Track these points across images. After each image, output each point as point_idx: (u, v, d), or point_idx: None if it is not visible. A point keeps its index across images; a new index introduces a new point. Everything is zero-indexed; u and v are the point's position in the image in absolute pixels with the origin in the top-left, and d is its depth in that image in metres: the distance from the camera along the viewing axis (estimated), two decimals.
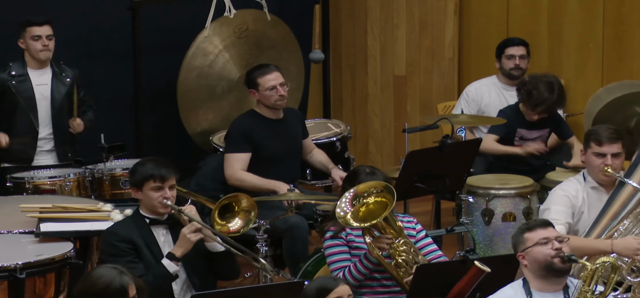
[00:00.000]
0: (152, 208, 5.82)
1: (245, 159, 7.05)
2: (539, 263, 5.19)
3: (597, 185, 6.30)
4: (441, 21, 9.00)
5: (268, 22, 8.21)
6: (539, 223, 5.30)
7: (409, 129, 7.25)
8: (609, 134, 6.24)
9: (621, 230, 6.13)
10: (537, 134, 7.57)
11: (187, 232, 5.71)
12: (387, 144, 9.18)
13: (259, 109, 7.16)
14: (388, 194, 5.66)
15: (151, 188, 5.77)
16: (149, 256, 5.75)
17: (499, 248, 7.08)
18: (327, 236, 5.88)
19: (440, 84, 9.06)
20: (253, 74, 7.14)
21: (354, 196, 5.70)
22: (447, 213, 7.47)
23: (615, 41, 8.79)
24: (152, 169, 5.79)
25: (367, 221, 5.63)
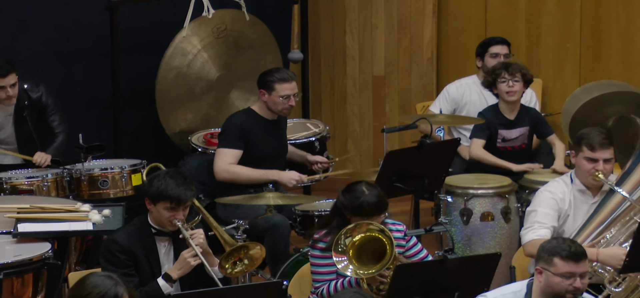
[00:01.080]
0: (160, 224, 5.73)
1: (237, 156, 7.04)
2: (552, 290, 5.11)
3: (584, 188, 6.27)
4: (420, 21, 9.02)
5: (246, 22, 8.21)
6: (574, 255, 5.10)
7: (387, 129, 7.25)
8: (601, 140, 6.18)
9: (607, 238, 6.11)
10: (518, 132, 7.58)
11: (187, 255, 5.61)
12: (365, 143, 9.19)
13: (258, 109, 7.14)
14: (384, 236, 5.57)
15: (165, 207, 5.65)
16: (147, 268, 5.68)
17: (477, 248, 7.10)
18: (319, 246, 5.80)
19: (418, 83, 9.07)
20: (272, 77, 7.06)
21: (336, 241, 5.57)
22: (426, 213, 7.48)
23: (593, 41, 8.83)
24: (171, 190, 5.61)
25: (364, 257, 5.55)
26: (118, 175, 7.11)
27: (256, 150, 7.08)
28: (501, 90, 7.43)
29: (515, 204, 7.16)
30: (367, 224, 5.60)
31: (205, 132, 7.85)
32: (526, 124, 7.58)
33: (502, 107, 7.54)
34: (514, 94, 7.43)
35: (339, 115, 9.21)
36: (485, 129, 7.50)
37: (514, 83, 7.39)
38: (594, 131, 6.30)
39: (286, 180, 7.04)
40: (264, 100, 7.09)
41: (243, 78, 8.25)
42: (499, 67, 7.45)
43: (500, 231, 7.11)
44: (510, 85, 7.39)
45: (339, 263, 5.54)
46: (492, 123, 7.51)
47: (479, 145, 7.49)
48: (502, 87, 7.42)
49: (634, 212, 6.10)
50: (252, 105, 7.27)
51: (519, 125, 7.56)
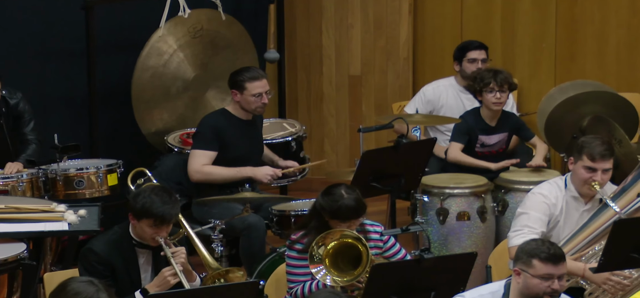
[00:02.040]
0: (142, 239, 5.68)
1: (211, 157, 7.03)
2: (530, 292, 5.12)
3: (578, 195, 6.22)
4: (396, 21, 9.03)
5: (223, 21, 8.20)
6: (553, 257, 5.09)
7: (364, 129, 7.25)
8: (602, 151, 6.12)
9: (595, 250, 6.08)
10: (497, 138, 7.59)
11: (167, 273, 5.56)
12: (342, 143, 9.19)
13: (232, 109, 7.13)
14: (353, 240, 5.58)
15: (148, 225, 5.58)
16: (126, 278, 5.64)
17: (453, 247, 7.12)
18: (296, 247, 5.80)
19: (395, 83, 9.09)
20: (241, 77, 7.06)
21: (310, 254, 5.56)
22: (402, 213, 7.49)
23: (568, 41, 8.87)
24: (156, 209, 5.53)
25: (340, 263, 5.55)
26: (94, 175, 7.08)
27: (231, 150, 7.07)
28: (488, 100, 7.43)
29: (491, 204, 7.18)
30: (340, 231, 5.59)
31: (182, 132, 7.84)
32: (506, 130, 7.59)
33: (484, 113, 7.53)
34: (501, 104, 7.45)
35: (315, 115, 9.21)
36: (464, 133, 7.50)
37: (501, 95, 7.40)
38: (596, 141, 6.20)
39: (261, 176, 7.04)
40: (236, 100, 7.08)
41: (219, 78, 8.24)
42: (488, 76, 7.41)
43: (477, 230, 7.12)
44: (498, 97, 7.40)
45: (317, 273, 5.53)
46: (472, 128, 7.51)
47: (456, 148, 7.50)
48: (489, 97, 7.41)
49: None
50: (226, 106, 7.26)
51: (499, 131, 7.57)
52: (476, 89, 7.46)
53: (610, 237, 5.82)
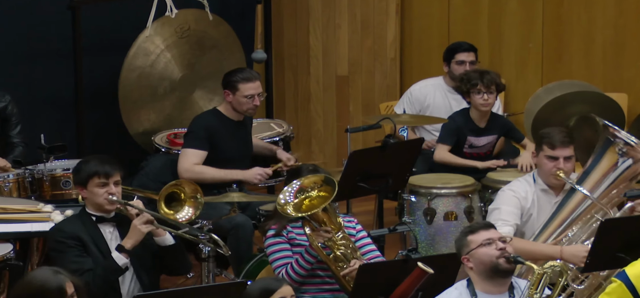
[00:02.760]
0: (98, 205, 5.78)
1: (202, 156, 7.04)
2: (485, 264, 5.21)
3: (547, 188, 6.30)
4: (383, 21, 9.04)
5: (210, 21, 8.19)
6: (481, 225, 5.33)
7: (351, 129, 7.27)
8: (561, 138, 6.22)
9: (569, 237, 6.16)
10: (486, 140, 7.60)
11: (138, 223, 5.68)
12: (329, 143, 9.20)
13: (224, 110, 7.14)
14: (328, 187, 5.70)
15: (96, 185, 5.74)
16: (96, 252, 5.72)
17: (441, 247, 7.13)
18: (269, 234, 5.90)
19: (382, 83, 9.09)
20: (235, 77, 7.07)
21: (298, 189, 5.73)
22: (390, 213, 7.49)
23: (555, 41, 8.89)
24: (96, 166, 5.76)
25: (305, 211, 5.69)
26: None
27: (222, 151, 7.07)
28: (476, 101, 7.45)
29: (479, 204, 7.19)
30: (317, 178, 5.76)
31: (169, 132, 7.83)
32: (495, 132, 7.61)
33: (473, 114, 7.54)
34: (489, 105, 7.47)
35: (302, 115, 9.21)
36: (453, 134, 7.51)
37: (489, 96, 7.42)
38: (555, 130, 6.34)
39: (250, 177, 7.05)
40: (228, 100, 7.08)
41: (206, 78, 8.23)
42: (475, 77, 7.43)
43: None
44: (486, 98, 7.42)
45: (280, 199, 5.68)
46: (461, 129, 7.52)
47: (444, 150, 7.52)
48: (476, 98, 7.44)
49: (595, 210, 6.15)
50: (217, 106, 7.26)
51: (488, 133, 7.58)
52: (464, 90, 7.48)
53: (597, 236, 5.85)
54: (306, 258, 5.75)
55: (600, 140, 6.25)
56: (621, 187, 6.17)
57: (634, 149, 6.12)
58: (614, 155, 6.16)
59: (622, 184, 6.17)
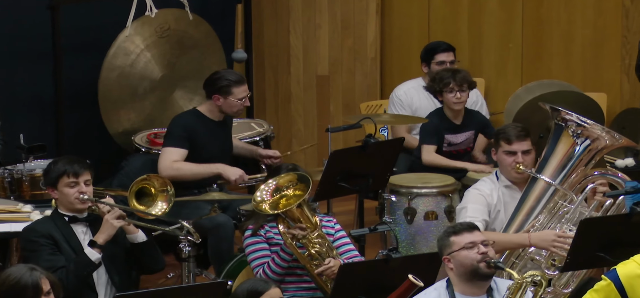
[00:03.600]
0: (69, 205, 5.79)
1: (182, 155, 7.03)
2: (465, 267, 5.23)
3: (510, 184, 6.37)
4: (363, 21, 9.04)
5: (190, 21, 8.18)
6: (465, 227, 5.33)
7: (332, 129, 7.27)
8: (517, 132, 6.32)
9: (537, 226, 6.22)
10: (464, 137, 7.62)
11: (111, 218, 5.70)
12: (310, 143, 9.19)
13: (205, 111, 7.12)
14: (303, 185, 5.72)
15: (66, 184, 5.76)
16: (69, 251, 5.73)
17: (421, 247, 7.14)
18: (247, 234, 5.90)
19: (363, 83, 9.10)
20: (227, 81, 7.05)
21: (275, 188, 5.73)
22: (370, 212, 7.50)
23: (534, 41, 8.92)
24: (64, 165, 5.79)
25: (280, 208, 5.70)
26: None
27: (202, 151, 7.06)
28: (449, 100, 7.49)
29: (459, 203, 7.20)
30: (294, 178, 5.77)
31: (149, 132, 7.81)
32: (472, 128, 7.63)
33: (448, 112, 7.58)
34: (462, 103, 7.50)
35: (283, 115, 9.21)
36: (433, 134, 7.54)
37: (461, 94, 7.45)
38: (510, 125, 6.45)
39: (231, 173, 7.04)
40: (218, 104, 7.07)
41: (187, 78, 8.21)
42: (446, 76, 7.47)
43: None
44: (459, 96, 7.45)
45: (256, 196, 5.70)
46: (438, 127, 7.54)
47: (431, 150, 7.54)
48: (449, 97, 7.48)
49: (559, 195, 6.20)
50: (198, 107, 7.24)
51: (465, 129, 7.61)
52: (436, 89, 7.51)
53: (577, 236, 5.88)
54: (282, 257, 5.76)
55: (552, 125, 6.31)
56: (581, 171, 6.23)
57: (587, 129, 6.17)
58: (570, 138, 6.22)
59: (581, 167, 6.23)
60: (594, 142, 6.20)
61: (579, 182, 6.24)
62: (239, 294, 5.15)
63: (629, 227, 5.76)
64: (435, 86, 7.51)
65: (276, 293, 5.12)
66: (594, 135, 6.19)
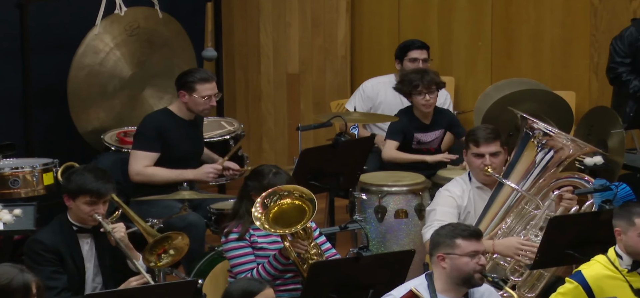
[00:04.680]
0: (81, 220, 5.72)
1: (153, 158, 6.99)
2: (461, 273, 5.19)
3: (482, 185, 6.37)
4: (333, 19, 9.05)
5: (159, 19, 8.15)
6: (474, 233, 5.24)
7: (302, 127, 7.27)
8: (485, 134, 6.31)
9: (504, 229, 6.23)
10: (433, 135, 7.64)
11: (134, 283, 5.56)
12: (280, 141, 9.19)
13: (175, 109, 7.09)
14: (308, 202, 5.65)
15: (85, 202, 5.66)
16: (71, 266, 5.66)
17: (391, 245, 7.15)
18: (232, 237, 5.83)
19: (333, 81, 9.10)
20: (192, 78, 7.00)
21: (269, 194, 5.67)
22: (341, 211, 7.51)
23: (504, 39, 8.95)
24: (90, 184, 5.65)
25: (279, 223, 5.62)
26: (29, 175, 7.00)
27: (174, 151, 7.04)
28: (417, 102, 7.51)
29: (429, 202, 7.22)
30: (295, 189, 5.66)
31: (119, 131, 7.78)
32: (442, 126, 7.65)
33: (417, 112, 7.59)
34: (430, 106, 7.52)
35: (253, 113, 9.20)
36: (399, 131, 7.55)
37: (430, 96, 7.47)
38: (480, 127, 6.45)
39: (202, 176, 7.02)
40: (184, 101, 7.04)
41: (156, 76, 8.19)
42: (415, 79, 7.47)
43: (414, 228, 7.16)
44: (428, 99, 7.46)
45: (256, 210, 5.60)
46: (407, 126, 7.56)
47: (392, 147, 7.55)
48: (418, 100, 7.49)
49: (525, 201, 6.23)
50: (169, 106, 7.22)
51: (434, 128, 7.62)
52: (405, 91, 7.53)
53: (545, 234, 5.91)
54: (274, 266, 5.71)
55: (521, 132, 6.35)
56: (548, 176, 6.26)
57: (552, 138, 6.21)
58: (534, 149, 6.26)
59: (549, 172, 6.27)
60: (557, 152, 6.21)
61: (548, 185, 6.27)
62: (233, 293, 5.10)
63: (598, 224, 5.79)
64: (404, 88, 7.52)
65: (270, 293, 5.08)
66: (558, 145, 6.20)
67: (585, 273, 5.41)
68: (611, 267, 5.41)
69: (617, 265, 5.41)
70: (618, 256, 5.43)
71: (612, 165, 7.10)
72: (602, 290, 5.37)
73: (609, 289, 5.37)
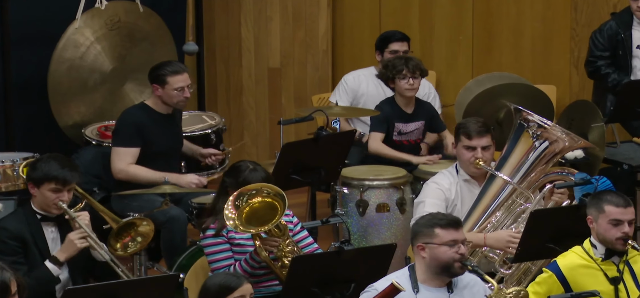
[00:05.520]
0: (45, 207, 5.71)
1: (135, 154, 6.97)
2: (439, 262, 5.21)
3: (469, 178, 6.41)
4: (314, 13, 9.04)
5: (140, 13, 8.13)
6: (453, 222, 5.26)
7: (284, 121, 7.26)
8: (477, 128, 6.34)
9: (494, 222, 6.26)
10: (414, 126, 7.67)
11: (74, 237, 5.61)
12: (262, 136, 9.18)
13: (152, 104, 7.08)
14: (278, 198, 5.63)
15: (50, 189, 5.66)
16: (36, 254, 5.65)
17: (373, 239, 7.16)
18: (209, 234, 5.82)
19: (314, 76, 9.10)
20: (163, 71, 7.01)
21: (238, 195, 5.66)
22: (323, 205, 7.51)
23: (485, 34, 8.97)
24: (55, 171, 5.65)
25: (253, 222, 5.61)
26: (10, 169, 6.98)
27: (152, 145, 7.02)
28: (401, 87, 7.52)
29: (410, 195, 7.24)
30: (265, 188, 5.63)
31: (99, 125, 7.76)
32: (422, 118, 7.68)
33: (399, 100, 7.62)
34: (414, 90, 7.54)
35: (234, 108, 9.19)
36: (383, 122, 7.57)
37: (414, 81, 7.49)
38: (471, 120, 6.46)
39: (185, 184, 6.99)
40: (158, 94, 7.03)
41: (137, 70, 8.17)
42: (400, 63, 7.51)
43: (396, 222, 7.18)
44: (411, 83, 7.48)
45: (228, 211, 5.56)
46: (389, 116, 7.58)
47: (377, 138, 7.57)
48: (402, 84, 7.50)
49: (516, 194, 6.25)
50: (145, 100, 7.20)
51: (415, 119, 7.65)
52: (389, 76, 7.55)
53: (527, 227, 5.93)
54: (251, 264, 5.70)
55: (514, 124, 6.37)
56: (539, 169, 6.29)
57: (547, 131, 6.23)
58: (529, 139, 6.28)
59: (540, 166, 6.29)
60: (552, 144, 6.24)
61: (538, 180, 6.29)
62: (210, 288, 5.10)
63: (578, 218, 5.82)
64: (388, 73, 7.54)
65: (247, 289, 5.08)
66: (553, 137, 6.23)
67: (560, 263, 5.45)
68: (586, 256, 5.45)
69: (591, 255, 5.44)
70: (592, 245, 5.47)
71: (592, 159, 7.13)
72: (576, 279, 5.41)
73: (583, 278, 5.41)
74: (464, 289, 5.30)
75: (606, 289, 5.39)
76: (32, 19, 8.01)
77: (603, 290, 5.36)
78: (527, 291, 5.29)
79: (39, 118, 8.05)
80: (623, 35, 8.00)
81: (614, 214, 5.39)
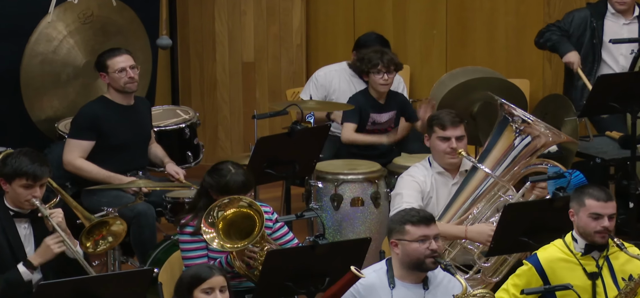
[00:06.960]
0: (17, 203, 5.67)
1: (86, 148, 6.95)
2: (411, 258, 5.26)
3: (443, 170, 6.43)
4: (288, 8, 9.04)
5: (113, 7, 8.10)
6: (423, 219, 5.30)
7: (258, 116, 7.26)
8: (451, 118, 6.37)
9: (474, 214, 6.27)
10: (387, 116, 7.70)
11: (51, 242, 5.56)
12: (236, 130, 9.17)
13: (110, 95, 7.07)
14: (253, 210, 5.61)
15: (21, 185, 5.61)
16: (8, 252, 5.61)
17: (347, 233, 7.16)
18: (187, 231, 5.80)
19: (288, 70, 9.10)
20: (102, 57, 7.08)
21: (208, 213, 5.58)
22: (297, 199, 7.51)
23: (459, 28, 8.99)
24: (26, 166, 5.60)
25: (232, 234, 5.58)
26: None
27: (112, 138, 6.99)
28: (375, 81, 7.56)
29: (385, 189, 7.25)
30: (239, 200, 5.62)
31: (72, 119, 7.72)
32: (394, 108, 7.73)
33: (373, 93, 7.65)
34: (388, 85, 7.57)
35: (209, 102, 9.17)
36: (356, 113, 7.60)
37: (389, 76, 7.53)
38: (444, 111, 6.51)
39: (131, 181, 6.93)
40: (106, 82, 7.06)
41: None
42: (375, 58, 7.53)
43: (370, 216, 7.19)
44: (386, 78, 7.53)
45: (206, 233, 5.55)
46: (363, 107, 7.61)
47: (350, 129, 7.61)
48: (376, 78, 7.54)
49: (498, 187, 6.27)
50: (105, 93, 7.19)
51: (388, 109, 7.69)
52: (363, 70, 7.58)
53: (500, 221, 5.95)
54: (226, 268, 5.68)
55: (498, 118, 6.39)
56: (522, 163, 6.32)
57: (530, 126, 6.26)
58: (512, 133, 6.30)
59: (523, 160, 6.32)
60: (535, 139, 6.27)
61: (519, 172, 6.31)
62: (183, 279, 5.12)
63: (552, 211, 5.85)
64: (363, 67, 7.58)
65: (219, 280, 5.10)
66: (536, 132, 6.25)
67: (540, 256, 5.47)
68: (566, 250, 5.47)
69: (572, 249, 5.47)
70: (574, 239, 5.49)
71: (565, 152, 7.16)
72: (555, 272, 5.44)
73: (562, 272, 5.43)
74: (439, 286, 5.33)
75: (584, 284, 5.41)
76: (3, 12, 7.96)
77: (581, 285, 5.38)
78: (492, 293, 5.32)
79: (11, 112, 8.01)
80: (595, 25, 8.03)
81: (594, 208, 5.41)
